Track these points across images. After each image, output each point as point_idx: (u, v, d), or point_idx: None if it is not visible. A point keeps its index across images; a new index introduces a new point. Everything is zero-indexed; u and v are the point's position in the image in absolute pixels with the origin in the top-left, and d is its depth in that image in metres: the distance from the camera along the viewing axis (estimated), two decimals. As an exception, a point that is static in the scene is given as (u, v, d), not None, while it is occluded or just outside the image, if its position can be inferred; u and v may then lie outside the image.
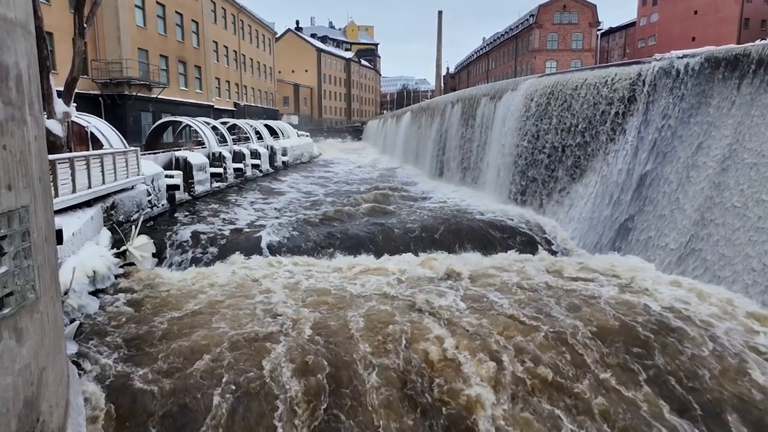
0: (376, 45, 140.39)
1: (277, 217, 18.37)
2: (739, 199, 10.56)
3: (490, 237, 15.59)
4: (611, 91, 16.07)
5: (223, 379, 7.01)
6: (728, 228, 10.57)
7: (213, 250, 14.21)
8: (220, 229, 16.15)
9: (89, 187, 13.48)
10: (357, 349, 7.80)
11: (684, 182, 12.18)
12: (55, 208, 9.52)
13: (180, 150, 24.24)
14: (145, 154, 20.34)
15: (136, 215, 16.16)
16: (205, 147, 26.69)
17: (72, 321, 8.92)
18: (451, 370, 7.22)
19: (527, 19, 71.71)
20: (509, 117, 22.23)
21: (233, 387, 6.86)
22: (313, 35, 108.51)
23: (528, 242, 15.30)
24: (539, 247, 14.72)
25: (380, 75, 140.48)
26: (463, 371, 7.18)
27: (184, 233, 15.31)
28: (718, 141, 11.63)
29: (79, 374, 7.02)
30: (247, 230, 16.00)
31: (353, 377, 7.11)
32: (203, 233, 15.48)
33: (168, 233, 15.39)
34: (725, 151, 11.34)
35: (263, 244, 14.44)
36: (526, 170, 20.23)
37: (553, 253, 14.40)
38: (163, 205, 18.95)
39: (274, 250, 14.23)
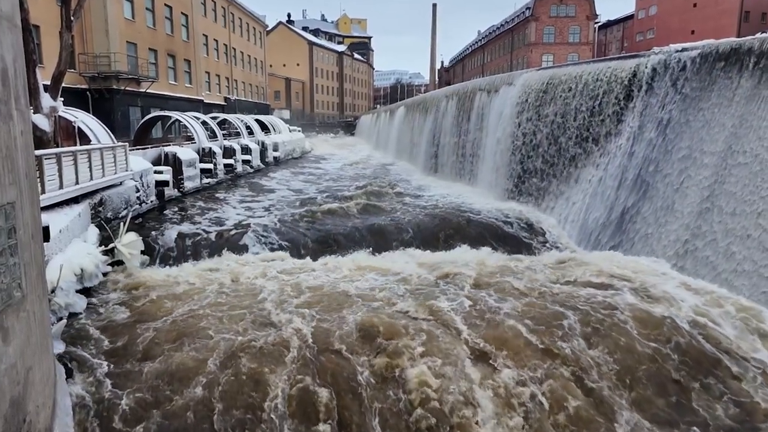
0: (369, 38, 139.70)
1: (268, 216, 18.22)
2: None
3: (488, 235, 15.40)
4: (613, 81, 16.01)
5: (216, 415, 6.46)
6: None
7: (202, 248, 14.08)
8: (209, 228, 16.00)
9: (76, 183, 13.31)
10: (359, 373, 7.22)
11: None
12: (42, 205, 9.38)
13: (169, 145, 23.97)
14: (133, 150, 20.11)
15: (125, 212, 15.99)
16: (195, 142, 26.43)
17: (59, 319, 8.80)
18: (467, 421, 6.35)
19: (523, 12, 71.23)
20: (505, 112, 22.22)
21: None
22: (304, 28, 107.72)
23: (527, 241, 15.12)
24: (540, 246, 14.49)
25: (373, 69, 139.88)
26: (481, 422, 6.31)
27: (173, 231, 15.14)
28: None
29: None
30: (238, 229, 15.82)
31: (361, 426, 6.47)
32: (192, 231, 15.33)
33: (157, 231, 15.23)
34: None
35: (254, 244, 14.34)
36: (523, 166, 20.19)
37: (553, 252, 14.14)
38: (152, 201, 18.76)
39: (266, 249, 14.11)
